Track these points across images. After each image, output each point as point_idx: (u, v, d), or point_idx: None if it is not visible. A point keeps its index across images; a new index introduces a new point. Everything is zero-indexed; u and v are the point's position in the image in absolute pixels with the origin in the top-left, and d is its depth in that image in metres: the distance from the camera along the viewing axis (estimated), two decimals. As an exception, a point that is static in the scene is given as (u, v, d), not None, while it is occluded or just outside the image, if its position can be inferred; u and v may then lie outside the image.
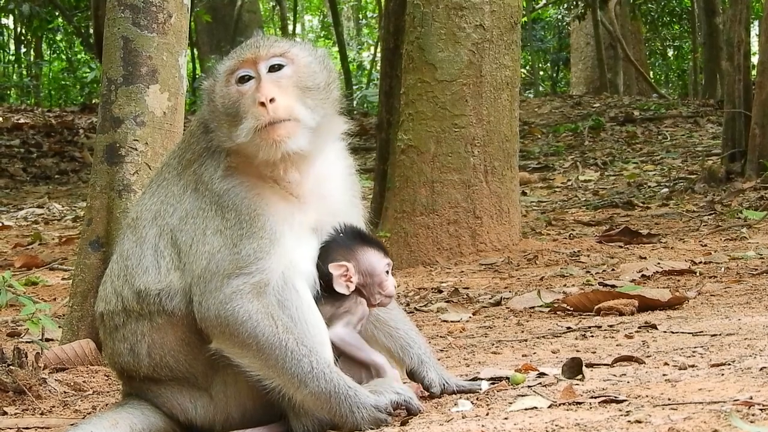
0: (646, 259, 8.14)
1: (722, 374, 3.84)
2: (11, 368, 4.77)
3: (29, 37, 32.26)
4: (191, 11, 5.84)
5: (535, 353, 5.06)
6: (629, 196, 13.06)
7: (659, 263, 7.65)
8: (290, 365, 3.64)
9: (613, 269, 7.81)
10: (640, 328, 5.48)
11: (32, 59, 32.98)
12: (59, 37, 31.98)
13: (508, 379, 4.11)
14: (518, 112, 8.97)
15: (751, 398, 3.31)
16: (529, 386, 3.99)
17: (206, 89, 3.96)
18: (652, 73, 31.77)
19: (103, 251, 5.32)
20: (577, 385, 3.89)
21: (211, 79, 3.95)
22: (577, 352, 4.92)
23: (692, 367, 4.13)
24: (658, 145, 18.11)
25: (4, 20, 32.19)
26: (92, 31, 21.22)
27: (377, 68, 27.52)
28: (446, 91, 8.60)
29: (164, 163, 4.12)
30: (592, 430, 3.17)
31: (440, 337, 5.83)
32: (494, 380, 4.14)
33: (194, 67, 28.02)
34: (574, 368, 4.10)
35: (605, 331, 5.55)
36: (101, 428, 3.84)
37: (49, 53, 33.45)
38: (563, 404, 3.58)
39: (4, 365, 4.79)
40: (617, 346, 5.02)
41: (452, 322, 6.34)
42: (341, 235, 3.95)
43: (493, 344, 5.44)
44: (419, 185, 8.63)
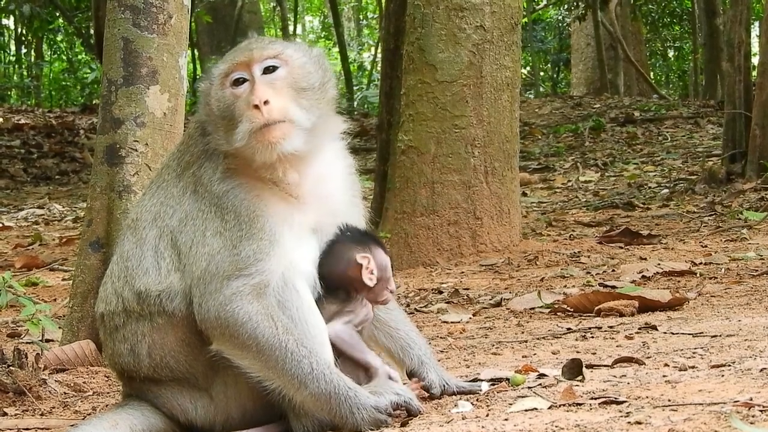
0: (646, 260, 8.14)
1: (722, 375, 3.84)
2: (11, 369, 4.77)
3: (30, 37, 32.28)
4: (191, 12, 5.84)
5: (535, 354, 5.05)
6: (629, 196, 13.06)
7: (659, 264, 7.65)
8: (290, 366, 3.64)
9: (613, 270, 7.80)
10: (640, 329, 5.48)
11: (33, 60, 32.99)
12: (60, 37, 31.99)
13: (508, 380, 4.11)
14: (519, 112, 8.97)
15: (751, 399, 3.31)
16: (529, 387, 3.99)
17: (202, 92, 3.97)
18: (652, 73, 31.77)
19: (103, 252, 5.32)
20: (577, 386, 3.89)
21: (206, 82, 3.95)
22: (577, 353, 4.92)
23: (692, 368, 4.13)
24: (658, 145, 18.11)
25: (4, 21, 32.20)
26: (93, 31, 21.23)
27: (378, 69, 27.52)
28: (447, 92, 8.60)
29: (163, 164, 4.12)
30: (592, 431, 3.17)
31: (440, 337, 5.83)
32: (494, 381, 4.14)
33: (195, 67, 28.02)
34: (574, 369, 4.10)
35: (605, 332, 5.55)
36: (101, 429, 3.84)
37: (49, 54, 33.47)
38: (563, 405, 3.58)
39: (4, 366, 4.79)
40: (617, 347, 5.02)
41: (452, 322, 6.34)
42: (349, 233, 3.95)
43: (493, 345, 5.44)
44: (419, 186, 8.63)
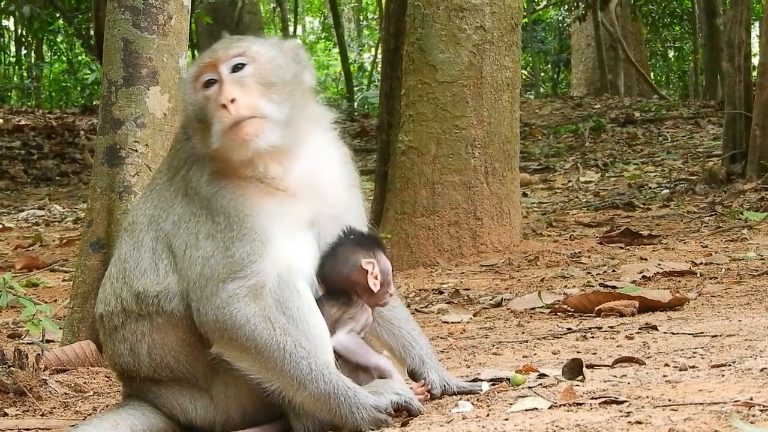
0: (646, 260, 8.14)
1: (723, 375, 3.84)
2: (12, 369, 4.77)
3: (30, 38, 32.28)
4: (192, 13, 5.84)
5: (535, 354, 5.06)
6: (630, 197, 13.06)
7: (660, 264, 7.65)
8: (289, 368, 3.64)
9: (613, 270, 7.80)
10: (640, 329, 5.48)
11: (33, 61, 32.99)
12: (60, 38, 31.98)
13: (508, 380, 4.11)
14: (519, 113, 8.97)
15: (751, 399, 3.31)
16: (529, 387, 3.99)
17: (181, 98, 3.98)
18: (652, 74, 31.77)
19: (103, 252, 5.33)
20: (577, 386, 3.89)
21: (182, 87, 3.97)
22: (577, 353, 4.92)
23: (693, 368, 4.13)
24: (658, 146, 18.11)
25: (4, 22, 32.20)
26: (93, 32, 21.22)
27: (378, 70, 27.53)
28: (447, 92, 8.60)
29: (157, 169, 4.14)
30: (592, 431, 3.18)
31: (441, 338, 5.83)
32: (495, 381, 4.14)
33: (195, 68, 27.95)
34: (574, 369, 4.10)
35: (606, 332, 5.55)
36: (101, 429, 3.85)
37: (49, 55, 33.47)
38: (564, 405, 3.58)
39: (4, 366, 4.79)
40: (618, 347, 5.02)
41: (453, 323, 6.34)
42: (352, 236, 3.94)
43: (493, 345, 5.44)
44: (420, 186, 8.63)
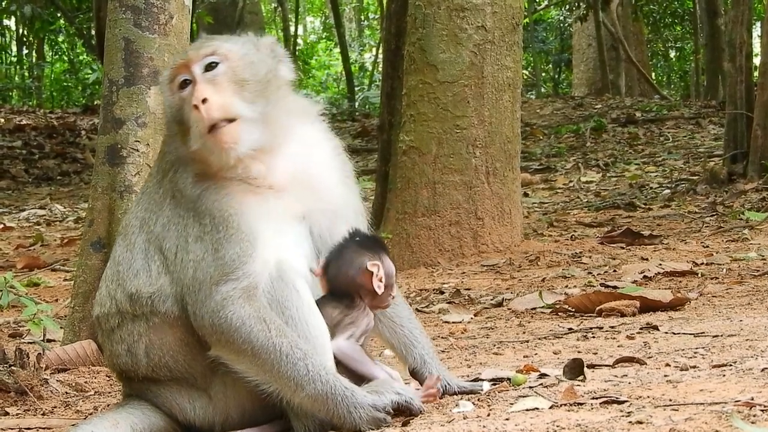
0: (647, 260, 8.14)
1: (723, 375, 3.84)
2: (13, 369, 4.78)
3: (31, 38, 32.30)
4: (193, 12, 5.84)
5: (536, 354, 5.06)
6: (631, 197, 13.06)
7: (661, 264, 7.65)
8: (285, 369, 3.64)
9: (614, 270, 7.80)
10: (641, 329, 5.48)
11: (34, 61, 33.01)
12: (61, 38, 31.99)
13: (509, 379, 4.11)
14: (520, 113, 8.97)
15: (752, 399, 3.31)
16: (530, 387, 3.98)
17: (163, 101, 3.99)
18: (653, 74, 31.77)
19: (104, 252, 5.32)
20: (578, 385, 3.89)
21: (161, 90, 3.97)
22: (578, 353, 4.92)
23: (693, 368, 4.12)
24: (659, 146, 18.10)
25: (6, 22, 32.20)
26: (94, 32, 21.23)
27: (379, 70, 27.53)
28: (448, 92, 8.60)
29: (149, 171, 4.14)
30: (593, 430, 3.17)
31: (442, 338, 5.83)
32: (495, 381, 4.14)
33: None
34: (575, 369, 4.10)
35: (607, 332, 5.55)
36: (102, 428, 3.85)
37: (50, 55, 33.48)
38: (564, 405, 3.57)
39: (5, 366, 4.80)
40: (619, 347, 5.02)
41: (454, 323, 6.34)
42: (357, 239, 3.94)
43: (494, 345, 5.44)
44: (421, 186, 8.63)
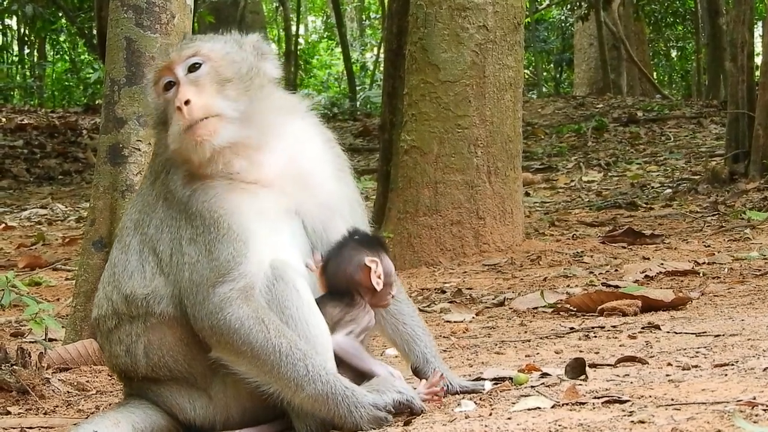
0: (649, 259, 8.13)
1: (725, 375, 3.84)
2: (15, 368, 4.78)
3: (32, 38, 32.31)
4: (194, 12, 5.84)
5: (538, 353, 5.05)
6: (632, 196, 13.05)
7: (662, 264, 7.65)
8: (285, 370, 3.64)
9: (616, 270, 7.80)
10: (643, 328, 5.48)
11: (35, 60, 33.03)
12: (62, 38, 32.00)
13: (511, 379, 4.11)
14: (521, 112, 8.96)
15: (754, 398, 3.31)
16: (532, 386, 3.98)
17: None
18: (655, 73, 31.76)
19: (106, 251, 5.32)
20: (580, 385, 3.89)
21: (147, 91, 3.98)
22: (580, 352, 4.92)
23: (695, 367, 4.12)
24: (661, 145, 18.09)
25: (7, 21, 32.21)
26: (95, 31, 21.22)
27: (380, 69, 27.51)
28: (449, 91, 8.60)
29: (144, 174, 4.15)
30: (595, 430, 3.17)
31: (443, 337, 5.83)
32: (497, 380, 4.14)
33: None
34: (577, 368, 4.10)
35: (608, 331, 5.54)
36: (103, 427, 3.85)
37: (52, 54, 33.49)
38: (566, 404, 3.57)
39: (7, 365, 4.80)
40: (620, 346, 5.02)
41: (455, 322, 6.34)
42: (357, 236, 3.94)
43: (496, 344, 5.44)
44: (422, 186, 8.62)
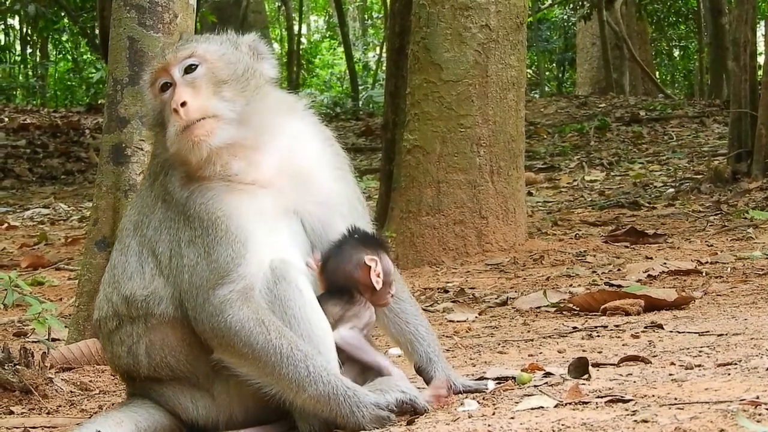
0: (652, 259, 8.13)
1: (729, 374, 3.84)
2: (18, 368, 4.78)
3: (35, 37, 32.32)
4: (197, 11, 5.84)
5: (541, 353, 5.05)
6: (635, 196, 13.04)
7: (665, 263, 7.64)
8: (287, 371, 3.64)
9: (619, 269, 7.80)
10: (646, 327, 5.47)
11: (38, 60, 33.04)
12: (65, 37, 32.03)
13: (514, 378, 4.12)
14: (524, 112, 8.96)
15: (757, 398, 3.31)
16: (535, 386, 3.99)
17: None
18: (657, 73, 31.73)
19: (109, 251, 5.32)
20: (583, 384, 3.89)
21: (144, 93, 3.98)
22: (583, 351, 4.92)
23: (699, 366, 4.12)
24: (664, 145, 18.08)
25: (10, 21, 32.23)
26: (98, 31, 21.26)
27: (383, 68, 27.50)
28: (452, 91, 8.60)
29: (144, 175, 4.15)
30: (598, 429, 3.17)
31: (446, 336, 5.83)
32: (500, 380, 4.14)
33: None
34: (580, 368, 4.10)
35: (611, 330, 5.54)
36: (106, 427, 3.85)
37: (54, 54, 33.50)
38: (569, 404, 3.57)
39: (10, 365, 4.80)
40: (623, 345, 5.02)
41: (458, 321, 6.34)
42: (357, 235, 3.94)
43: (499, 344, 5.44)
44: (425, 185, 8.62)
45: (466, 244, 8.57)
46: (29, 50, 33.83)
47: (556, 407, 3.56)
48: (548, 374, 4.19)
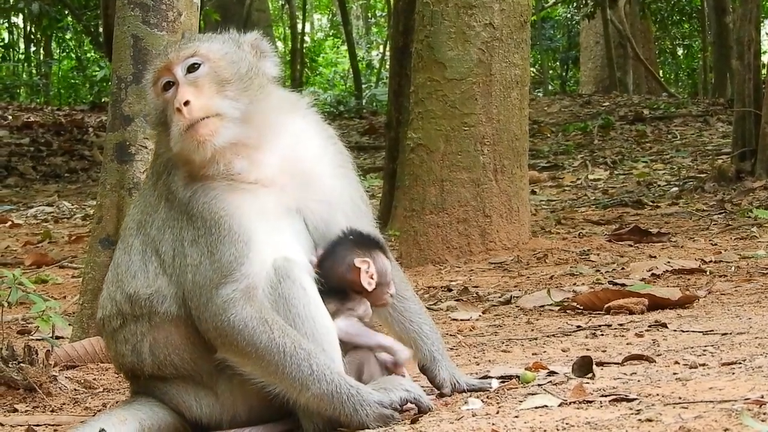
0: (656, 257, 8.12)
1: (733, 373, 3.83)
2: (22, 366, 4.78)
3: (39, 35, 32.33)
4: (200, 9, 5.84)
5: (545, 352, 5.05)
6: (639, 195, 13.04)
7: (669, 262, 7.63)
8: (290, 370, 3.64)
9: (622, 268, 7.79)
10: (650, 326, 5.47)
11: (42, 58, 33.06)
12: (69, 35, 32.04)
13: (518, 377, 4.11)
14: (528, 110, 8.95)
15: (762, 397, 3.31)
16: (539, 385, 3.98)
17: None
18: (661, 72, 31.72)
19: (113, 249, 5.29)
20: (587, 383, 3.89)
21: (146, 92, 3.98)
22: (587, 350, 4.92)
23: (703, 365, 4.12)
24: (667, 144, 18.07)
25: (13, 19, 32.25)
26: (101, 29, 21.26)
27: (386, 67, 27.51)
28: (456, 89, 8.59)
29: (146, 174, 4.15)
30: (602, 428, 3.17)
31: (450, 335, 5.83)
32: (504, 379, 4.14)
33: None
34: (584, 367, 4.09)
35: (615, 329, 5.54)
36: (110, 425, 3.86)
37: (58, 52, 33.53)
38: (573, 403, 3.57)
39: (14, 363, 4.80)
40: (627, 344, 5.02)
41: (462, 320, 6.34)
42: (351, 236, 3.93)
43: (503, 343, 5.43)
44: (429, 184, 8.62)
45: (469, 242, 8.56)
46: (33, 48, 33.85)
47: (560, 406, 3.56)
48: (552, 373, 4.19)
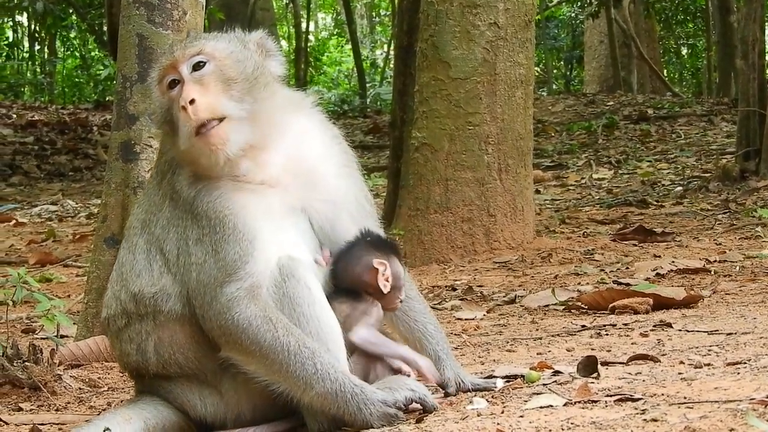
0: (660, 257, 8.11)
1: (738, 373, 3.83)
2: (26, 364, 4.79)
3: (43, 34, 32.36)
4: (205, 8, 5.85)
5: (550, 351, 5.05)
6: (643, 194, 13.02)
7: (674, 262, 7.63)
8: (294, 368, 3.64)
9: (627, 268, 7.78)
10: (655, 326, 5.47)
11: (46, 56, 33.09)
12: (73, 34, 32.06)
13: (523, 377, 4.11)
14: (532, 110, 8.95)
15: (767, 397, 3.30)
16: (544, 384, 3.98)
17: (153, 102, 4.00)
18: (666, 71, 31.69)
19: (117, 248, 5.30)
20: (592, 383, 3.89)
21: (151, 90, 3.97)
22: (592, 350, 4.91)
23: (708, 365, 4.12)
24: (672, 143, 18.05)
25: (18, 17, 32.28)
26: (106, 28, 21.25)
27: (391, 66, 27.51)
28: (460, 89, 8.59)
29: (151, 173, 4.15)
30: (607, 428, 3.17)
31: (455, 335, 5.83)
32: (509, 378, 4.14)
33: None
34: (589, 366, 4.09)
35: (620, 329, 5.53)
36: (115, 424, 3.86)
37: (63, 50, 33.55)
38: (578, 402, 3.57)
39: (19, 362, 4.81)
40: (632, 344, 5.01)
41: (466, 320, 6.33)
42: (369, 238, 3.93)
43: (507, 342, 5.43)
44: (433, 183, 8.61)
45: (474, 242, 8.56)
46: (37, 47, 33.88)
47: (565, 406, 3.56)
48: (557, 373, 4.19)
